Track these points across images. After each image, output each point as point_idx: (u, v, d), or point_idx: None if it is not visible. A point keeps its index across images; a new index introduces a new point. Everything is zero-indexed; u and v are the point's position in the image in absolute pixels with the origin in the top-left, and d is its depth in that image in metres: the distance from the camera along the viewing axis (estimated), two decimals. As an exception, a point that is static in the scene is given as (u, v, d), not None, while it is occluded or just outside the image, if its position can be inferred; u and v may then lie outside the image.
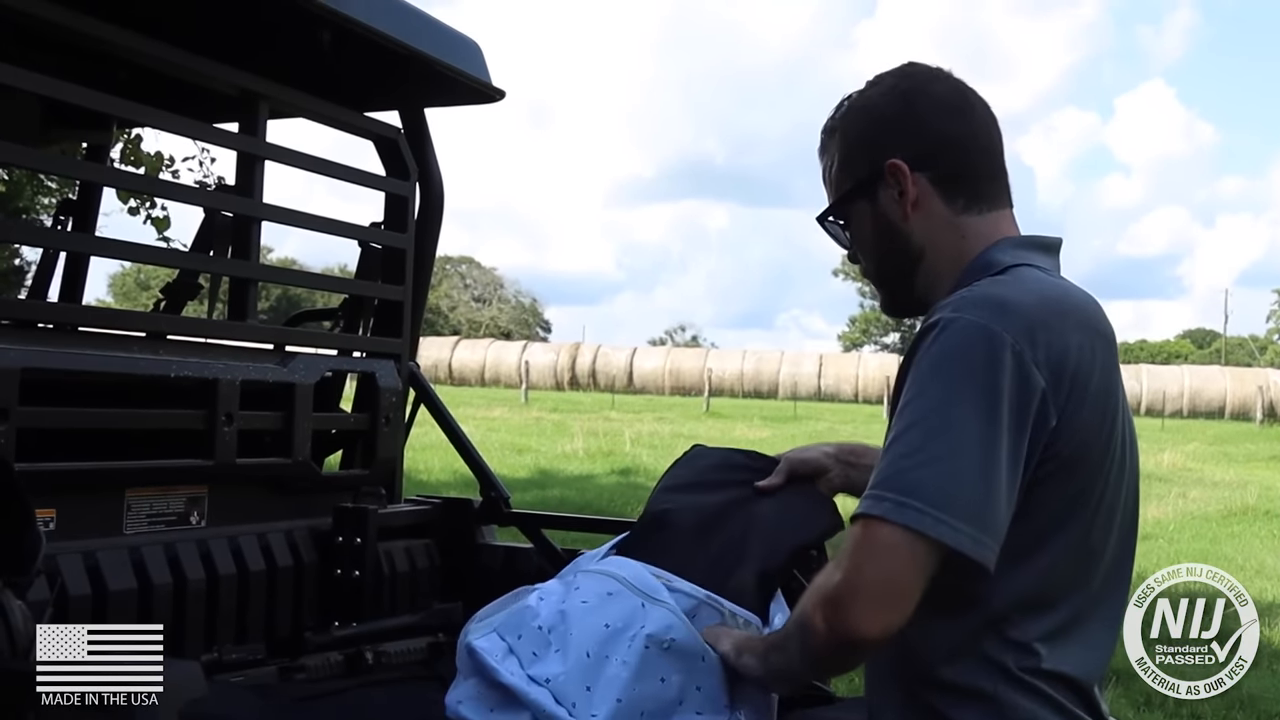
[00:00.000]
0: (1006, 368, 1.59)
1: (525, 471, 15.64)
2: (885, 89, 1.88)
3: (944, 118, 1.85)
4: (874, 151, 1.85)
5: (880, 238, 1.88)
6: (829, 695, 2.63)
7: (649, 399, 43.83)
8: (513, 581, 3.18)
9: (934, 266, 1.86)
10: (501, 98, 3.30)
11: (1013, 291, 1.70)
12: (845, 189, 1.89)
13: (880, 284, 1.96)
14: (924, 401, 1.61)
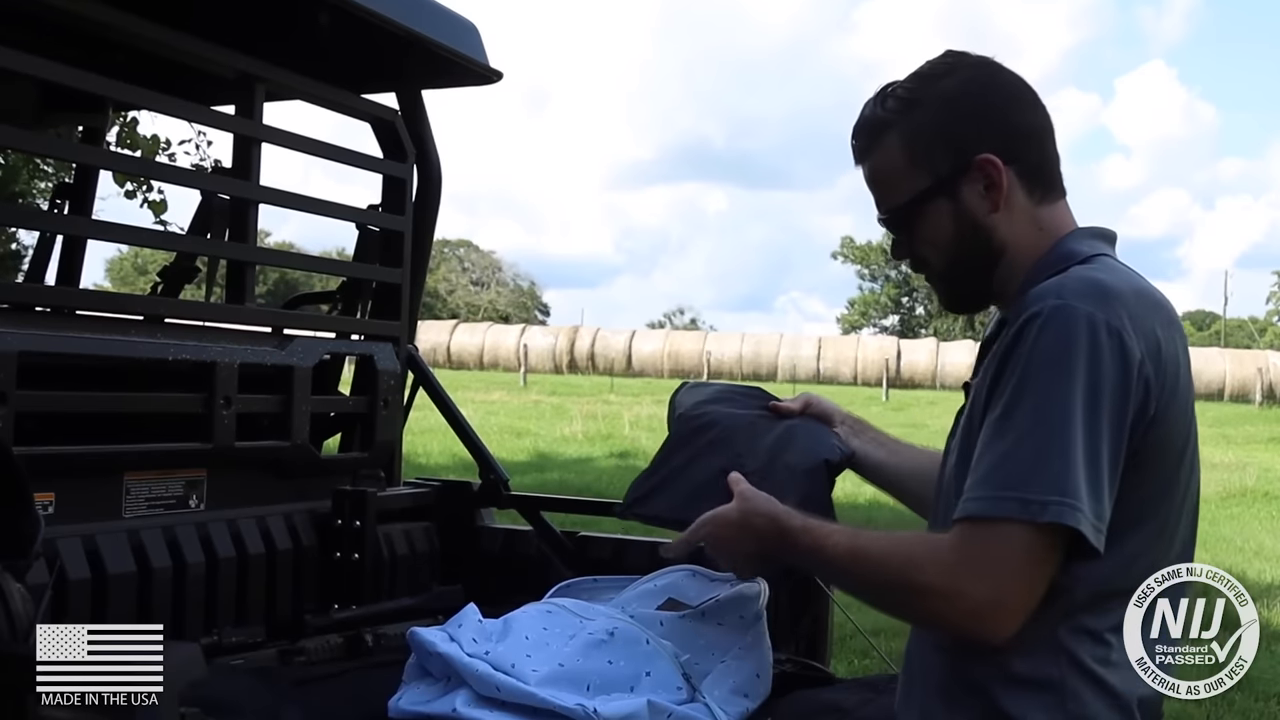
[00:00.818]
0: (1115, 356, 1.59)
1: (524, 455, 15.65)
2: (961, 80, 1.82)
3: (1022, 108, 1.83)
4: (957, 145, 1.79)
5: (961, 235, 1.82)
6: (829, 676, 2.64)
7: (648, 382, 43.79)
8: (512, 564, 3.21)
9: (1013, 261, 1.82)
10: (499, 79, 3.29)
11: (1111, 280, 1.68)
12: (923, 186, 1.81)
13: (951, 281, 1.90)
14: (1037, 393, 1.59)
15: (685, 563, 2.44)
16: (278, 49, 2.90)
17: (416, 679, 2.16)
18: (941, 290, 1.93)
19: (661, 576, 2.47)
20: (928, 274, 1.91)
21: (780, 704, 2.33)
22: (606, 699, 2.02)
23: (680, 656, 2.13)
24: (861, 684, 2.53)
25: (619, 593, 2.48)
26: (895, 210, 1.86)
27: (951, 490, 1.74)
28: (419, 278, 3.38)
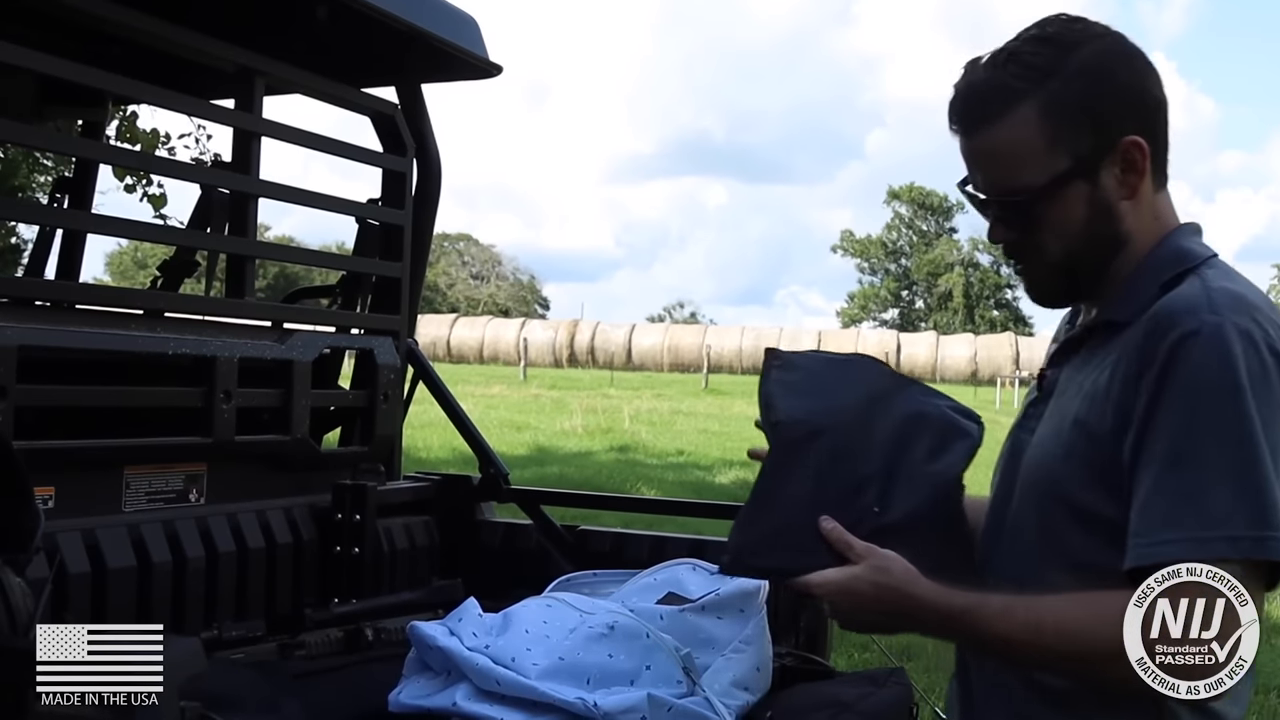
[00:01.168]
0: (1277, 372, 1.49)
1: (524, 449, 15.67)
2: (1098, 51, 1.63)
3: (1155, 82, 1.66)
4: (1101, 123, 1.61)
5: (1092, 223, 1.63)
6: (829, 670, 2.64)
7: (647, 376, 43.85)
8: (512, 558, 3.21)
9: (1131, 252, 1.66)
10: (499, 73, 3.29)
11: (1247, 290, 1.58)
12: (1062, 167, 1.61)
13: (1064, 272, 1.68)
14: (1215, 421, 1.46)
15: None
16: (277, 43, 2.90)
17: (417, 673, 2.16)
18: (1043, 282, 1.72)
19: (661, 570, 2.47)
20: (1031, 263, 1.70)
21: (780, 697, 2.33)
22: (607, 692, 2.02)
23: (680, 650, 2.13)
24: (861, 677, 2.54)
25: (619, 587, 2.48)
26: (1022, 192, 1.63)
27: (1046, 492, 1.64)
28: (419, 271, 3.38)
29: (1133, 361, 1.54)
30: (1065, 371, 1.71)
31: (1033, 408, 1.77)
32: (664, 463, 15.25)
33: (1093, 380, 1.61)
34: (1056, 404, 1.69)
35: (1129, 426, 1.52)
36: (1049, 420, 1.69)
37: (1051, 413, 1.69)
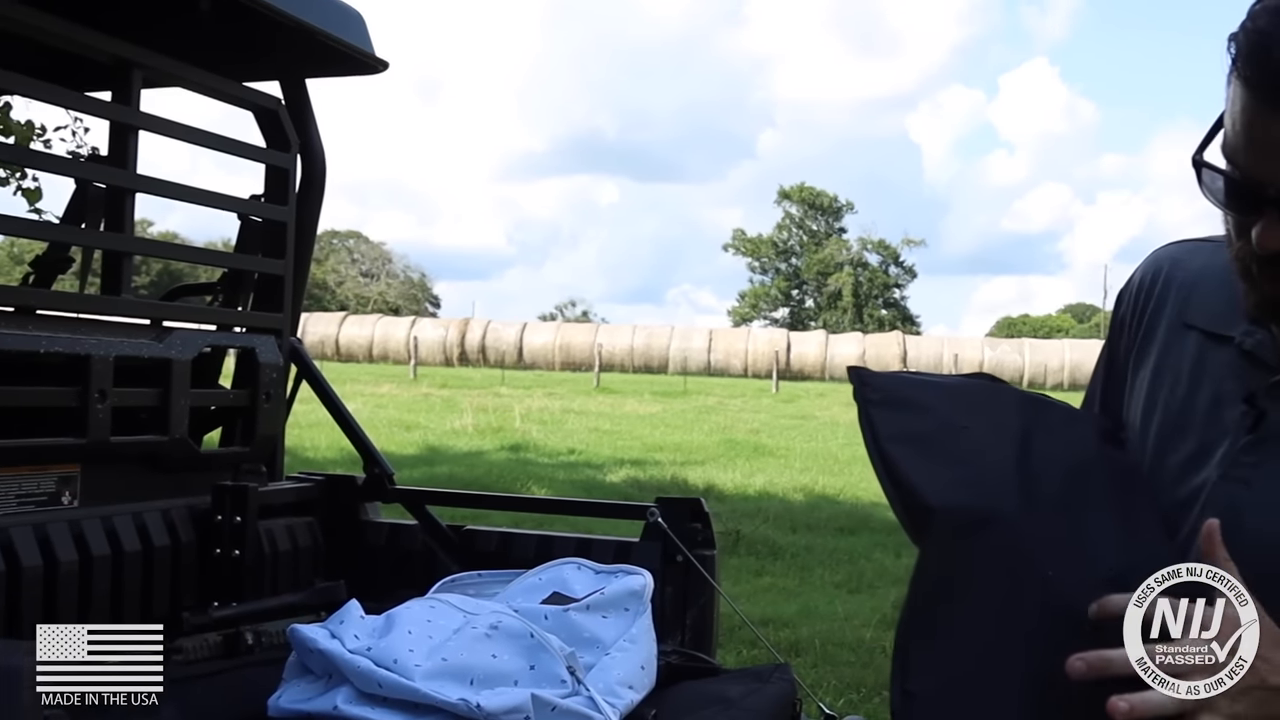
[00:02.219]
0: None
1: (414, 448, 15.57)
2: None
3: None
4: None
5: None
6: (715, 667, 2.65)
7: (539, 375, 43.83)
8: (397, 559, 3.18)
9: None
10: (385, 69, 3.25)
11: None
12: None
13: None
14: None
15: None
16: (157, 35, 2.84)
17: (297, 677, 2.13)
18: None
19: (546, 570, 2.46)
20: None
21: (665, 695, 2.33)
22: (491, 693, 2.01)
23: (565, 650, 2.13)
24: (747, 674, 2.55)
25: (504, 587, 2.47)
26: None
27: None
28: (302, 269, 3.33)
29: None
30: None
31: (1247, 454, 1.37)
32: (555, 462, 15.24)
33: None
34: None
35: None
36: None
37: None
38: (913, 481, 1.36)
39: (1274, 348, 1.38)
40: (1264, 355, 1.39)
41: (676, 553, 2.73)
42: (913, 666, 1.31)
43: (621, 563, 2.55)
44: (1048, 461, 1.40)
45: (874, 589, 8.23)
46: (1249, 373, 1.39)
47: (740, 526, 9.87)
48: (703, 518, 2.80)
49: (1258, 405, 1.37)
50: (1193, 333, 1.48)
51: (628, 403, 26.87)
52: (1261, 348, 1.39)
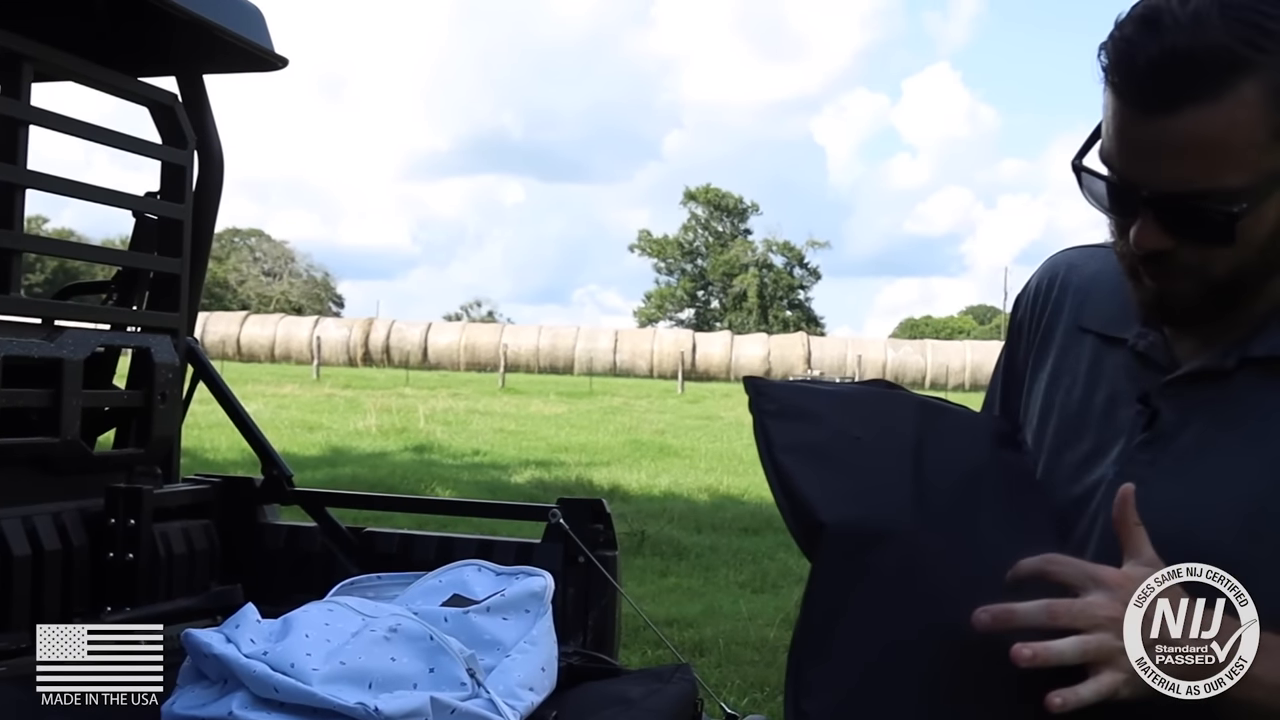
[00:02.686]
0: None
1: (316, 449, 15.41)
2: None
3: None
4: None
5: (1276, 236, 1.28)
6: (616, 668, 2.65)
7: (444, 375, 43.61)
8: (296, 562, 3.14)
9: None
10: (284, 66, 3.21)
11: None
12: (1274, 167, 1.23)
13: (1223, 292, 1.32)
14: None
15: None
16: (49, 27, 2.78)
17: (191, 682, 2.09)
18: (1187, 301, 1.34)
19: (447, 572, 2.45)
20: (1185, 278, 1.32)
21: (566, 697, 2.33)
22: (389, 696, 1.99)
23: (465, 652, 2.12)
24: (648, 674, 2.55)
25: (404, 589, 2.45)
26: (1221, 195, 1.23)
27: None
28: (199, 268, 3.28)
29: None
30: (1194, 410, 1.38)
31: (1141, 451, 1.40)
32: (460, 463, 15.16)
33: (1277, 436, 1.30)
34: (1195, 455, 1.36)
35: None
36: (1186, 475, 1.36)
37: (1184, 464, 1.36)
38: (805, 495, 1.33)
39: (1166, 349, 1.41)
40: (1156, 356, 1.41)
41: (578, 554, 2.73)
42: (806, 686, 1.28)
43: (523, 564, 2.54)
44: (941, 470, 1.38)
45: (778, 588, 8.29)
46: (1142, 374, 1.42)
47: (645, 527, 9.88)
48: (604, 519, 2.80)
49: (1151, 405, 1.39)
50: (1089, 336, 1.51)
51: (533, 403, 26.82)
52: (1154, 349, 1.42)
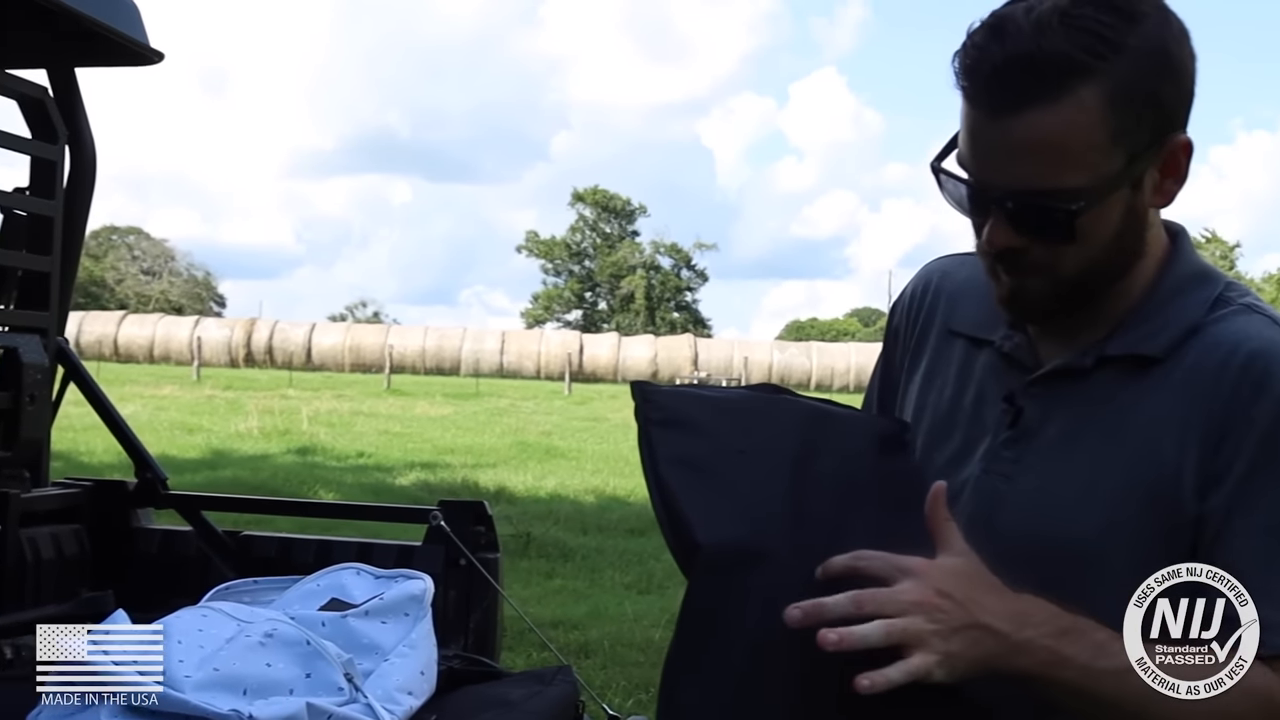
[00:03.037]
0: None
1: (196, 452, 15.16)
2: (1159, 25, 1.29)
3: (1194, 68, 1.34)
4: (1160, 119, 1.30)
5: (1123, 234, 1.35)
6: (498, 671, 2.64)
7: (328, 376, 43.15)
8: (170, 567, 3.08)
9: (1144, 265, 1.41)
10: (160, 60, 3.14)
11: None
12: (1115, 168, 1.29)
13: (1073, 288, 1.37)
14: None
15: None
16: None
17: (59, 691, 2.04)
18: (1039, 296, 1.39)
19: (325, 576, 2.41)
20: (1035, 275, 1.37)
21: (447, 701, 2.31)
22: (265, 703, 1.96)
23: (342, 657, 2.09)
24: (530, 677, 2.54)
25: (281, 594, 2.41)
26: (1062, 195, 1.29)
27: (1071, 563, 1.35)
28: (70, 266, 3.20)
29: (1211, 417, 1.32)
30: (1055, 407, 1.42)
31: (1006, 449, 1.45)
32: (344, 465, 15.00)
33: (1133, 431, 1.36)
34: (1057, 451, 1.40)
35: (1214, 491, 1.31)
36: (1048, 470, 1.41)
37: (1047, 461, 1.41)
38: (685, 513, 1.33)
39: (1030, 349, 1.47)
40: (1021, 357, 1.47)
41: (459, 556, 2.71)
42: (677, 702, 1.30)
43: (403, 567, 2.51)
44: (822, 482, 1.38)
45: (663, 589, 8.31)
46: (1008, 374, 1.47)
47: (531, 529, 9.86)
48: (486, 521, 2.79)
49: (1015, 403, 1.44)
50: (959, 339, 1.56)
51: (419, 405, 26.63)
52: (1019, 350, 1.47)
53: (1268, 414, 1.29)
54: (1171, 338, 1.36)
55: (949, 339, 1.57)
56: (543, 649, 5.96)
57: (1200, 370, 1.33)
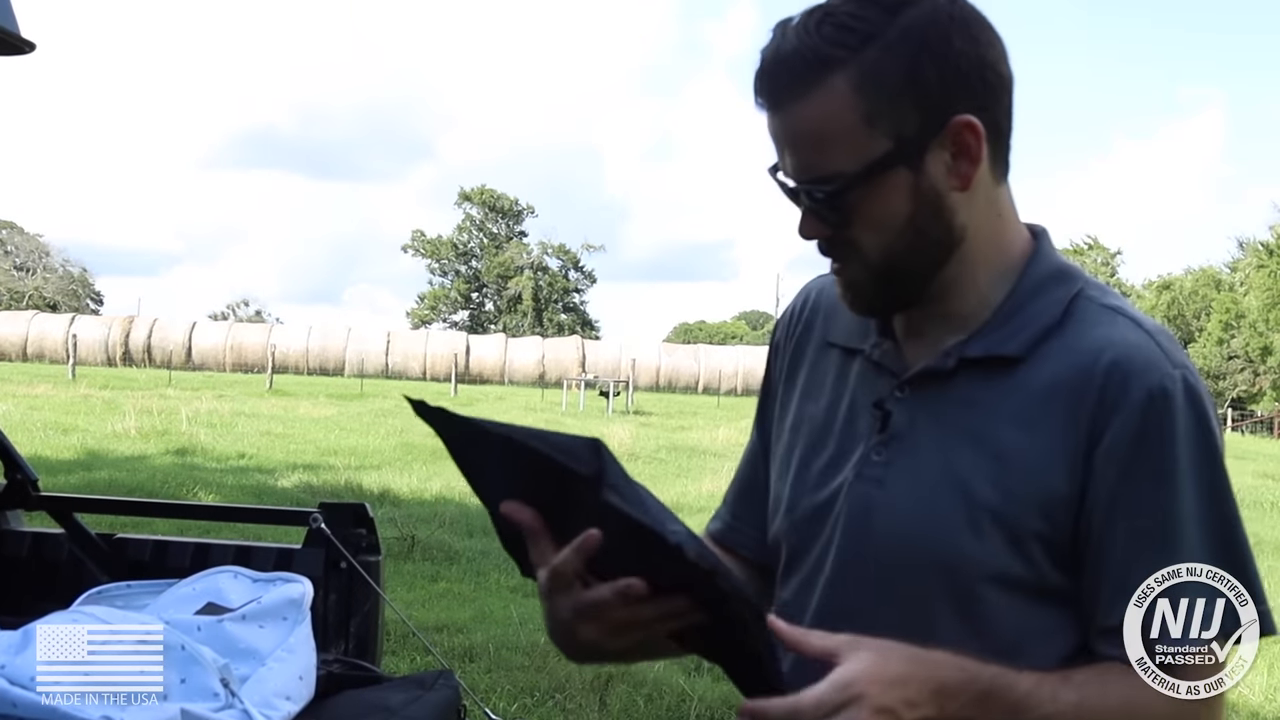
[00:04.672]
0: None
1: (71, 453, 14.78)
2: (927, 12, 1.34)
3: (996, 54, 1.38)
4: (928, 100, 1.34)
5: (917, 217, 1.37)
6: (378, 675, 2.62)
7: (209, 376, 42.43)
8: (40, 570, 3.00)
9: (971, 253, 1.42)
10: (31, 50, 3.06)
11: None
12: (880, 151, 1.34)
13: (884, 277, 1.41)
14: (1213, 486, 1.32)
15: None
16: None
17: (-81, 700, 1.98)
18: (861, 286, 1.44)
19: (201, 579, 2.38)
20: (848, 263, 1.42)
21: (325, 706, 2.29)
22: (137, 709, 1.92)
23: (218, 662, 2.06)
24: (411, 681, 2.53)
25: (156, 598, 2.37)
26: (833, 179, 1.35)
27: (944, 567, 1.36)
28: (-63, 261, 3.11)
29: (1078, 421, 1.34)
30: (920, 410, 1.45)
31: (876, 454, 1.46)
32: (224, 466, 14.73)
33: (997, 433, 1.38)
34: (924, 454, 1.42)
35: (1086, 496, 1.33)
36: (916, 474, 1.42)
37: (915, 464, 1.43)
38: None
39: (898, 355, 1.49)
40: (889, 363, 1.49)
41: (340, 559, 2.68)
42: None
43: (283, 570, 2.49)
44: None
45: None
46: (877, 380, 1.49)
47: (416, 531, 9.76)
48: (368, 523, 2.76)
49: (884, 408, 1.46)
50: (834, 350, 1.58)
51: (302, 405, 26.26)
52: (886, 356, 1.49)
53: (1134, 417, 1.31)
54: (1031, 335, 1.39)
55: (825, 350, 1.60)
56: (426, 653, 5.92)
57: (1062, 373, 1.36)
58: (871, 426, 1.47)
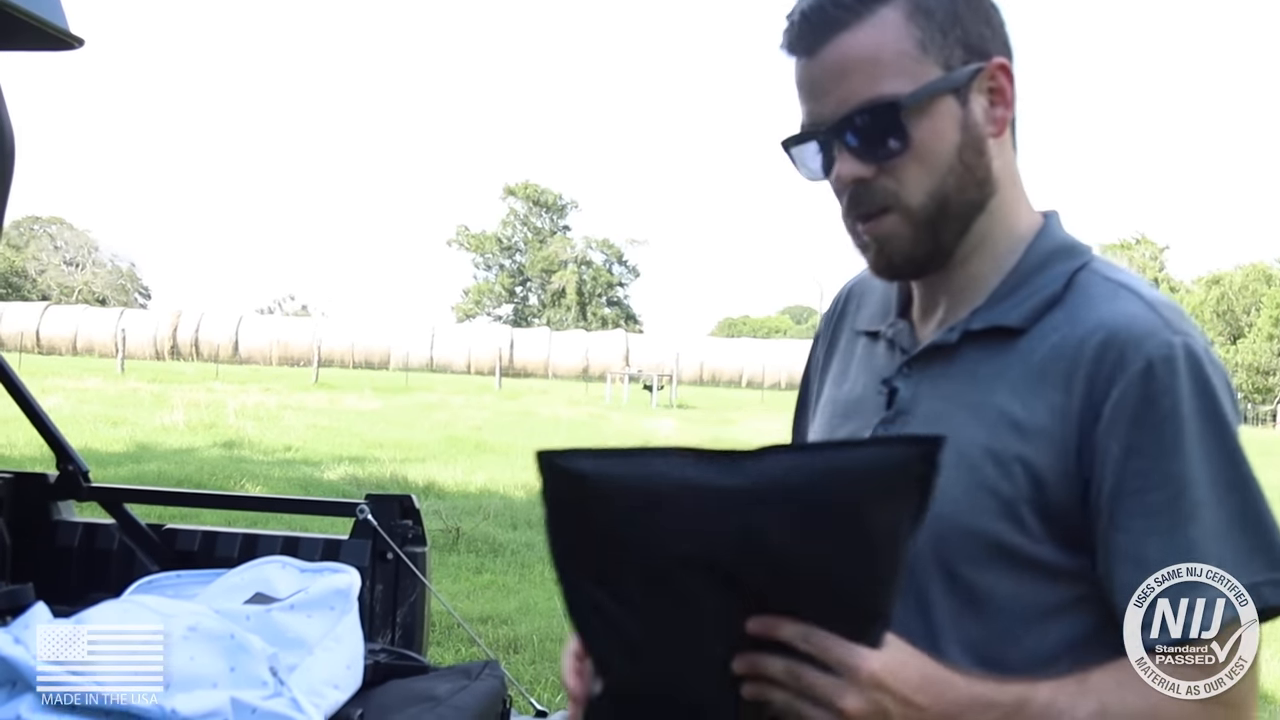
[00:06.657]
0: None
1: (120, 445, 14.92)
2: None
3: (1004, 18, 1.42)
4: (970, 36, 1.37)
5: (965, 150, 1.37)
6: (424, 665, 2.63)
7: (255, 369, 42.74)
8: (92, 560, 3.04)
9: (997, 211, 1.43)
10: (80, 46, 3.08)
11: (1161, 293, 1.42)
12: (932, 76, 1.34)
13: (929, 222, 1.39)
14: (1223, 450, 1.29)
15: None
16: None
17: (-23, 685, 2.01)
18: (901, 241, 1.41)
19: (249, 569, 2.40)
20: (887, 213, 1.39)
21: (373, 694, 2.30)
22: (187, 697, 1.94)
23: (267, 650, 2.07)
24: (456, 671, 2.54)
25: (205, 587, 2.39)
26: (885, 104, 1.34)
27: (952, 537, 1.35)
28: (-10, 255, 3.15)
29: (1076, 392, 1.33)
30: (924, 385, 1.46)
31: (883, 429, 1.48)
32: (271, 459, 14.84)
33: (996, 404, 1.37)
34: (928, 428, 1.41)
35: (1091, 474, 1.32)
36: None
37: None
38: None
39: (910, 334, 1.52)
40: (901, 342, 1.52)
41: (386, 550, 2.69)
42: None
43: (330, 560, 2.51)
44: None
45: (592, 584, 8.29)
46: (891, 359, 1.53)
47: (461, 524, 9.81)
48: (414, 514, 2.77)
49: (891, 385, 1.48)
50: (861, 337, 1.63)
51: (347, 398, 26.44)
52: (900, 336, 1.52)
53: (1134, 387, 1.29)
54: (1033, 307, 1.39)
55: (855, 338, 1.64)
56: (471, 644, 5.95)
57: (1061, 344, 1.35)
58: (880, 402, 1.49)
